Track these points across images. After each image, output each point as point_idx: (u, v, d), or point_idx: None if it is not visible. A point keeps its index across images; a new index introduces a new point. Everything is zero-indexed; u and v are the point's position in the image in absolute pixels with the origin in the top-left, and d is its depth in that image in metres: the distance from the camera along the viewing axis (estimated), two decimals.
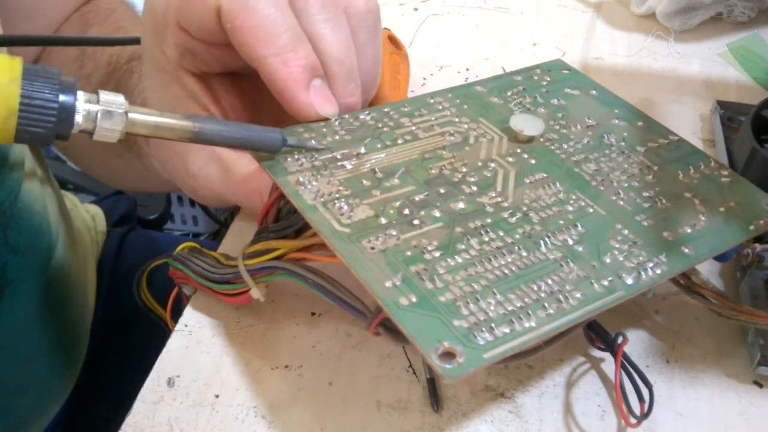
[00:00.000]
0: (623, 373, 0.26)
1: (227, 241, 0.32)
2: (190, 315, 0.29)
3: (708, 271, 0.31)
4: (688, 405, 0.27)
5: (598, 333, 0.27)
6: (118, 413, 0.26)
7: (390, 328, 0.23)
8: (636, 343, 0.28)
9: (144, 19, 0.30)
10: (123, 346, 0.50)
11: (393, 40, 0.40)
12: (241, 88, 0.32)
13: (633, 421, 0.25)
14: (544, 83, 0.33)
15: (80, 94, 0.23)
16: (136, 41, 0.35)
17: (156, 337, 0.29)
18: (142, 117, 0.24)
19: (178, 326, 0.29)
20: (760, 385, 0.27)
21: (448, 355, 0.20)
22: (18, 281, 0.37)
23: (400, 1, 0.50)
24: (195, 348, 0.28)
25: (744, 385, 0.27)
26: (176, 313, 0.30)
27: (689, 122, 0.40)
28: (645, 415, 0.25)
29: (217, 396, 0.26)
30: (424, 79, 0.42)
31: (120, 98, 0.23)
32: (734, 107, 0.38)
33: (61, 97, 0.22)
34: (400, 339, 0.22)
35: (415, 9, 0.49)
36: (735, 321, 0.27)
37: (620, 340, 0.26)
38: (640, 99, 0.41)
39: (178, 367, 0.27)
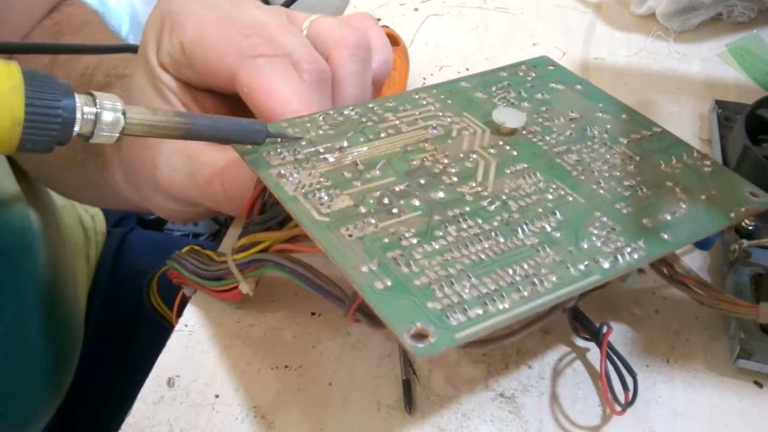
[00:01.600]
0: (608, 362, 0.26)
1: (227, 242, 0.32)
2: (190, 315, 0.29)
3: (696, 266, 0.31)
4: (688, 405, 0.27)
5: (582, 323, 0.27)
6: (118, 413, 0.26)
7: (367, 314, 0.23)
8: (636, 342, 0.29)
9: (155, 12, 0.30)
10: (122, 346, 0.51)
11: (390, 36, 0.40)
12: (223, 100, 0.31)
13: (618, 408, 0.25)
14: (529, 78, 0.33)
15: (78, 98, 0.22)
16: (132, 48, 0.35)
17: (156, 336, 0.29)
18: (139, 116, 0.23)
19: (178, 326, 0.29)
20: (760, 385, 0.27)
21: (421, 336, 0.20)
22: (1, 284, 0.37)
23: (400, 1, 0.50)
24: (195, 348, 0.28)
25: (744, 385, 0.27)
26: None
27: (689, 122, 0.40)
28: (629, 403, 0.26)
29: (217, 396, 0.26)
30: (424, 79, 0.42)
31: (116, 99, 0.23)
32: (732, 106, 0.38)
33: (64, 102, 0.22)
34: (376, 324, 0.23)
35: (416, 9, 0.49)
36: (717, 310, 0.27)
37: (605, 329, 0.26)
38: (640, 99, 0.41)
39: (178, 367, 0.27)
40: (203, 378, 0.27)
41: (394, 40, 0.40)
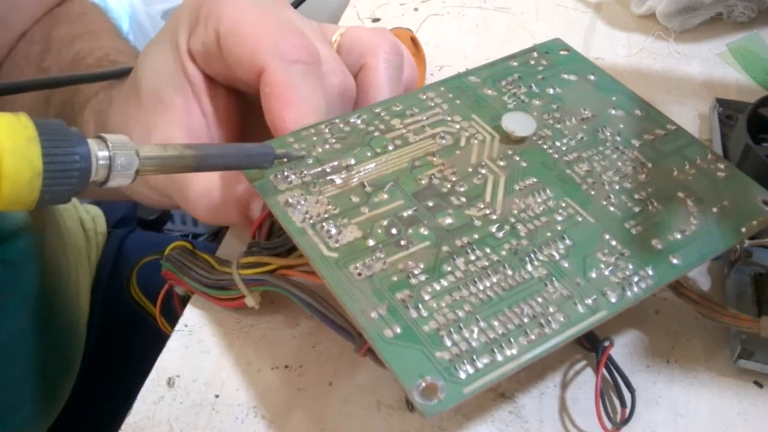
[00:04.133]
0: (608, 375, 0.26)
1: (226, 244, 0.32)
2: (190, 315, 0.29)
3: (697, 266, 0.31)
4: (688, 405, 0.27)
5: (585, 335, 0.27)
6: (118, 413, 0.26)
7: (377, 355, 0.23)
8: (636, 342, 0.28)
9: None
10: (123, 346, 0.50)
11: (414, 42, 0.41)
12: (238, 100, 0.31)
13: (611, 427, 0.25)
14: (541, 68, 0.33)
15: (90, 143, 0.21)
16: (123, 73, 0.34)
17: (156, 337, 0.29)
18: (151, 154, 0.23)
19: (178, 326, 0.29)
20: (760, 385, 0.27)
21: (430, 390, 0.21)
22: (2, 291, 0.37)
23: (400, 1, 0.50)
24: (195, 348, 0.28)
25: (744, 385, 0.27)
26: (166, 311, 0.30)
27: (689, 122, 0.40)
28: (625, 421, 0.25)
29: (217, 396, 0.26)
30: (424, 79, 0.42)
31: (126, 139, 0.22)
32: (733, 105, 0.38)
33: (78, 150, 0.21)
34: (385, 365, 0.23)
35: (415, 9, 0.49)
36: (719, 323, 0.27)
37: (606, 344, 0.26)
38: None
39: (178, 367, 0.27)
40: (203, 378, 0.27)
41: (415, 44, 0.40)
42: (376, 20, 0.48)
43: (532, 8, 0.50)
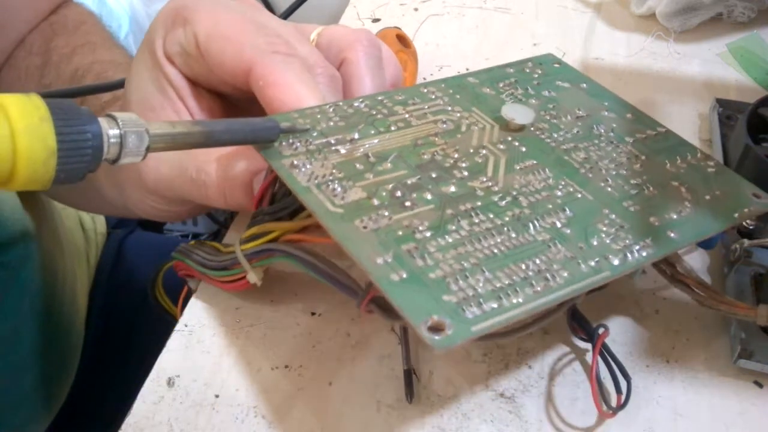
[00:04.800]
0: (603, 364, 0.26)
1: (230, 236, 0.32)
2: (190, 315, 0.29)
3: (697, 265, 0.31)
4: (688, 405, 0.27)
5: (580, 323, 0.27)
6: (118, 413, 0.26)
7: (381, 306, 0.23)
8: (636, 343, 0.29)
9: (167, 7, 0.30)
10: (123, 346, 0.51)
11: (402, 38, 0.41)
12: (222, 102, 0.31)
13: (607, 411, 0.25)
14: (536, 75, 0.33)
15: (101, 121, 0.22)
16: (121, 84, 0.35)
17: (156, 337, 0.29)
18: (161, 131, 0.23)
19: (178, 326, 0.29)
20: (760, 385, 0.27)
21: (437, 328, 0.20)
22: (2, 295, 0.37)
23: (400, 1, 0.50)
24: (195, 348, 0.28)
25: (744, 385, 0.27)
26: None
27: (689, 122, 0.40)
28: (621, 406, 0.25)
29: (217, 396, 0.26)
30: (424, 78, 0.42)
31: (136, 117, 0.23)
32: (733, 105, 0.38)
33: (90, 128, 0.21)
34: (391, 315, 0.23)
35: (415, 9, 0.49)
36: (716, 311, 0.27)
37: (601, 331, 0.26)
38: (639, 99, 0.41)
39: (178, 367, 0.27)
40: (203, 378, 0.27)
41: (405, 41, 0.40)
42: (376, 20, 0.48)
43: (532, 8, 0.50)
